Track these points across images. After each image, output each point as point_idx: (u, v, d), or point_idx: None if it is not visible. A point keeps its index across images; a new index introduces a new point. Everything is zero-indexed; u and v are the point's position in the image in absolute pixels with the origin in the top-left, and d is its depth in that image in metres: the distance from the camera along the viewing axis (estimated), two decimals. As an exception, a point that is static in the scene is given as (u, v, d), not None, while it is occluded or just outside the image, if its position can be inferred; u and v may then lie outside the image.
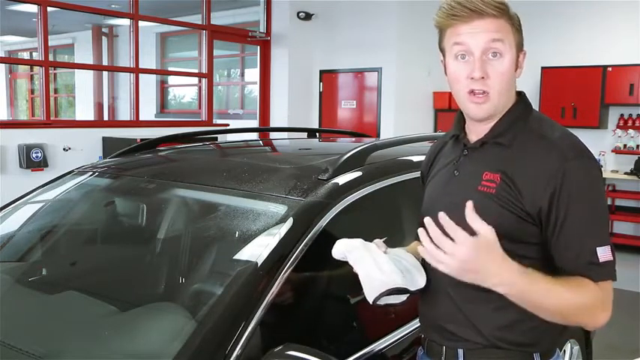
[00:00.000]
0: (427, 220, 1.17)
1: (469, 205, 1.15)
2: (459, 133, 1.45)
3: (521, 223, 1.28)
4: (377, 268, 1.33)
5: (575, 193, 1.24)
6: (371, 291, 1.32)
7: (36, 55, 8.91)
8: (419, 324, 1.84)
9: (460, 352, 1.40)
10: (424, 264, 1.44)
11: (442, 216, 1.16)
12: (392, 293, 1.33)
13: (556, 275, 1.26)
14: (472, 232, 1.30)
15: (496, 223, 1.28)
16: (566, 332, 2.19)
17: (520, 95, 1.40)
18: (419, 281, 1.38)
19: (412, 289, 1.36)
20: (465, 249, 1.13)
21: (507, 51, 1.29)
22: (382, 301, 1.33)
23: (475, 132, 1.40)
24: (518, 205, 1.28)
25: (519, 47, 1.34)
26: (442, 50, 1.37)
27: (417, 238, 1.61)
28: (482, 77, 1.28)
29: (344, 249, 1.39)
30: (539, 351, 1.38)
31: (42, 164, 4.96)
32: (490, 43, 1.28)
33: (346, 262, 1.40)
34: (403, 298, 1.37)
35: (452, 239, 1.15)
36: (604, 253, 1.24)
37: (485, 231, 1.15)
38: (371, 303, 1.32)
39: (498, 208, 1.29)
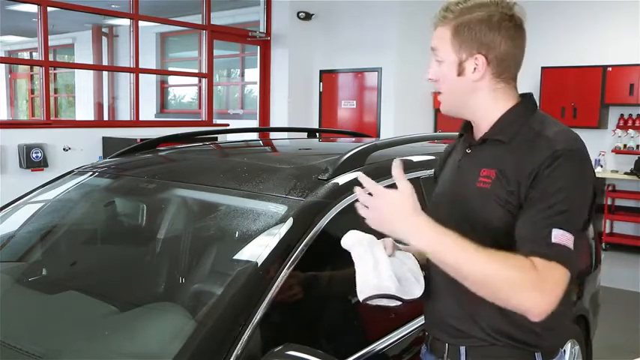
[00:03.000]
0: (360, 176, 1.31)
1: (396, 162, 1.28)
2: (465, 132, 1.49)
3: (512, 218, 1.29)
4: (374, 270, 1.33)
5: (551, 180, 1.23)
6: (362, 291, 1.34)
7: (36, 55, 8.93)
8: (419, 324, 1.84)
9: (462, 349, 1.41)
10: (428, 266, 1.45)
11: (361, 176, 1.30)
12: (383, 297, 1.33)
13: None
14: (470, 226, 1.31)
15: (490, 217, 1.31)
16: (568, 332, 2.20)
17: (525, 96, 1.42)
18: (415, 291, 1.38)
19: (405, 298, 1.36)
20: (376, 199, 1.26)
21: (443, 58, 1.38)
22: (373, 302, 1.34)
23: (478, 130, 1.43)
24: (510, 199, 1.29)
25: (467, 52, 1.35)
26: None
27: None
28: (431, 79, 1.42)
29: (350, 243, 1.39)
30: (542, 351, 1.38)
31: (42, 164, 4.96)
32: (432, 51, 1.40)
33: (346, 263, 1.41)
34: (397, 303, 1.37)
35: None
36: (561, 235, 1.19)
37: (403, 186, 1.26)
38: (360, 301, 1.34)
39: (492, 202, 1.32)
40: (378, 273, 1.33)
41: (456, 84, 1.38)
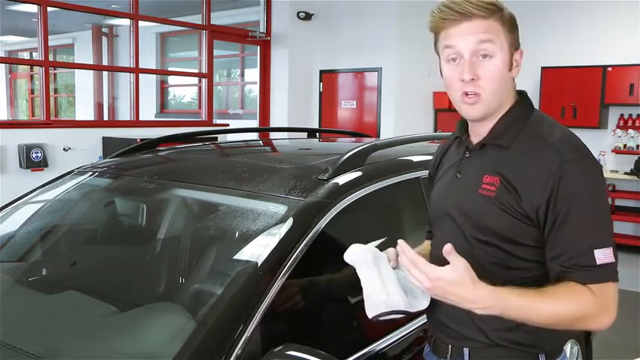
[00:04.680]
0: (400, 245, 1.26)
1: (447, 246, 1.21)
2: (462, 135, 1.46)
3: (520, 225, 1.28)
4: (382, 287, 1.33)
5: (573, 193, 1.23)
6: (372, 309, 1.34)
7: (36, 55, 8.93)
8: (419, 324, 1.85)
9: (465, 350, 1.40)
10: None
11: (403, 248, 1.25)
12: (393, 313, 1.35)
13: (550, 278, 1.27)
14: (475, 234, 1.30)
15: (496, 224, 1.29)
16: (569, 332, 2.20)
17: (521, 95, 1.40)
18: (422, 303, 1.39)
19: (412, 311, 1.37)
20: (435, 282, 1.21)
21: (497, 51, 1.30)
22: (382, 318, 1.35)
23: (476, 133, 1.40)
24: (517, 208, 1.27)
25: (514, 46, 1.33)
26: (437, 53, 1.39)
27: (427, 238, 1.63)
28: (473, 79, 1.29)
29: (355, 259, 1.39)
30: (545, 352, 1.38)
31: (42, 164, 4.96)
32: (479, 45, 1.29)
33: (346, 263, 1.40)
34: (403, 315, 1.38)
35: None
36: (603, 256, 1.22)
37: (457, 263, 1.20)
38: (370, 318, 1.34)
39: (498, 211, 1.30)
40: (386, 289, 1.33)
41: (504, 81, 1.32)
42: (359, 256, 1.38)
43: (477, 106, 1.32)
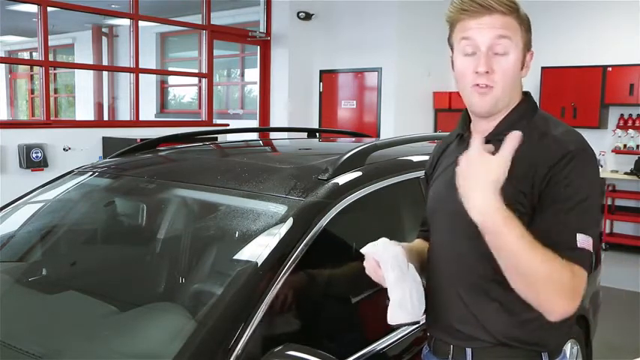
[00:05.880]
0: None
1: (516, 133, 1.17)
2: (464, 132, 1.46)
3: (521, 216, 1.28)
4: (410, 298, 1.36)
5: (569, 180, 1.24)
6: (397, 317, 1.37)
7: (36, 55, 8.93)
8: (419, 324, 1.84)
9: (468, 351, 1.40)
10: (429, 267, 1.47)
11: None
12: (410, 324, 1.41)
13: None
14: (475, 231, 1.31)
15: None
16: (569, 331, 2.21)
17: (526, 95, 1.41)
18: (421, 312, 1.43)
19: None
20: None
21: (513, 49, 1.31)
22: (396, 325, 1.40)
23: (480, 131, 1.40)
24: (519, 199, 1.28)
25: (527, 47, 1.36)
26: (451, 45, 1.39)
27: (419, 237, 1.64)
28: (487, 72, 1.30)
29: (390, 263, 1.37)
30: (548, 350, 1.38)
31: (42, 164, 4.96)
32: (496, 40, 1.30)
33: (346, 263, 1.41)
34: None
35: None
36: (584, 241, 1.22)
37: (505, 152, 1.17)
38: (389, 323, 1.37)
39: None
40: (412, 302, 1.37)
41: (515, 79, 1.34)
42: (392, 261, 1.37)
43: (488, 98, 1.32)
